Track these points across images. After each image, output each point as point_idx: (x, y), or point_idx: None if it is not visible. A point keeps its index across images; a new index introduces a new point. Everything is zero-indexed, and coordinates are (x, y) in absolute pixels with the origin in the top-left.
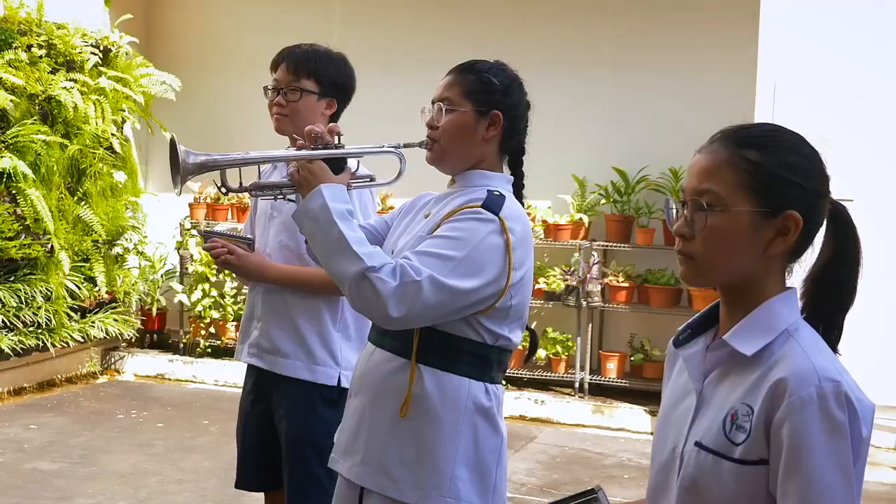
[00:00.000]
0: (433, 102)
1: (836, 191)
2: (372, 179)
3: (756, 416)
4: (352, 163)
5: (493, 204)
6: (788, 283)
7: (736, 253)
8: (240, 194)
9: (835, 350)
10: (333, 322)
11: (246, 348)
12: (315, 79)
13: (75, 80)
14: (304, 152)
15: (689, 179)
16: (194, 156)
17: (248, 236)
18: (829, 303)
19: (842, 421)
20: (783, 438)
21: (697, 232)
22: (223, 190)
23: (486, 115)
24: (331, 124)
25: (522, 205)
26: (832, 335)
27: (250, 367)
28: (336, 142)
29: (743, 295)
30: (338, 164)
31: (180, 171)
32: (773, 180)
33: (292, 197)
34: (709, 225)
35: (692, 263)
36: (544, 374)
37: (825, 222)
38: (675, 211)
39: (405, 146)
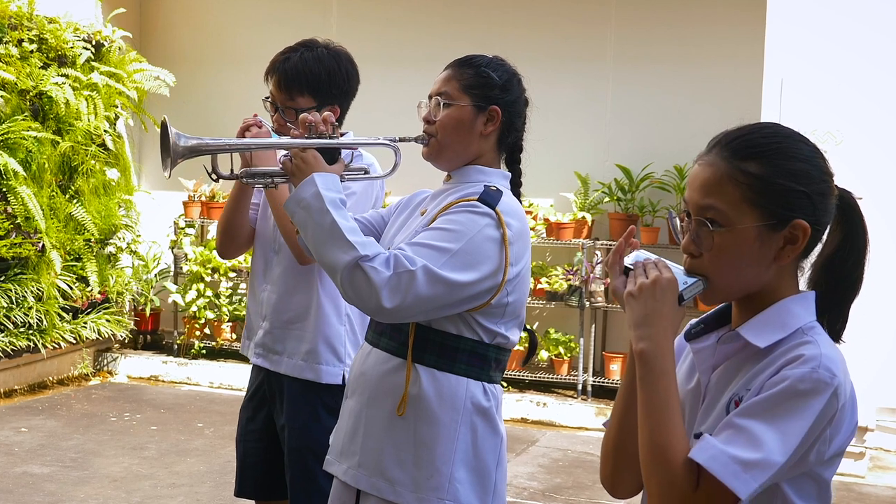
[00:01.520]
0: (430, 97)
1: (839, 185)
2: (366, 172)
3: (754, 393)
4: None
5: (489, 198)
6: (800, 280)
7: (746, 267)
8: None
9: (840, 339)
10: (338, 317)
11: (252, 347)
12: (309, 93)
13: (67, 76)
14: (297, 140)
15: (691, 193)
16: (185, 139)
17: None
18: (837, 291)
19: (815, 406)
20: (758, 390)
21: (705, 250)
22: (213, 176)
23: (484, 111)
24: (325, 113)
25: (520, 202)
26: (838, 324)
27: (255, 369)
28: (330, 132)
29: (757, 299)
30: (331, 155)
31: (171, 154)
32: (777, 191)
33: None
34: (716, 244)
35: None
36: (546, 375)
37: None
38: (678, 222)
39: (401, 140)
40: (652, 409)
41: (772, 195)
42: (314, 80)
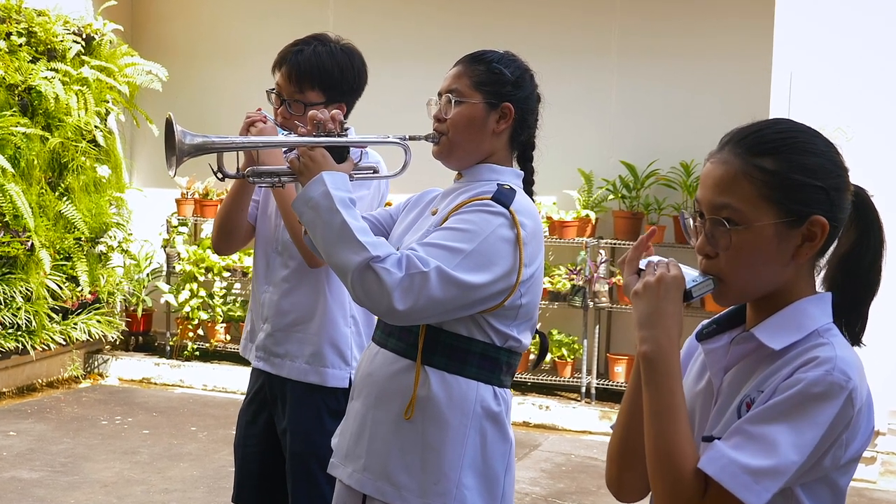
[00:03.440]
0: (440, 94)
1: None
2: (375, 171)
3: (767, 395)
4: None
5: (503, 197)
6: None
7: (763, 267)
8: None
9: (860, 341)
10: (344, 319)
11: (253, 350)
12: (320, 89)
13: (57, 70)
14: (305, 139)
15: (704, 192)
16: (191, 136)
17: None
18: (855, 291)
19: (829, 410)
20: (769, 394)
21: (721, 250)
22: (219, 175)
23: (496, 108)
24: (333, 111)
25: (532, 201)
26: (857, 326)
27: (255, 371)
28: (338, 130)
29: (772, 299)
30: (340, 153)
31: (176, 152)
32: (793, 187)
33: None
34: (733, 243)
35: (720, 285)
36: (549, 378)
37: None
38: (691, 222)
39: (411, 139)
40: (657, 413)
41: (788, 191)
42: (326, 75)
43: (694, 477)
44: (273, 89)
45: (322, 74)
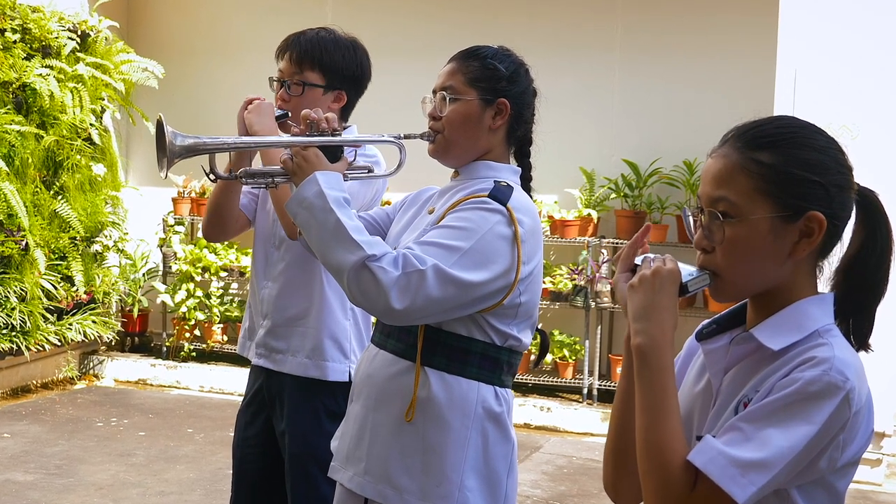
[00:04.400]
0: (435, 92)
1: (860, 183)
2: (370, 170)
3: (763, 394)
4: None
5: (500, 194)
6: (820, 282)
7: (759, 262)
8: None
9: (866, 344)
10: (343, 312)
11: (253, 347)
12: (320, 70)
13: (51, 67)
14: (298, 138)
15: (703, 186)
16: (182, 138)
17: None
18: (861, 294)
19: (825, 409)
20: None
21: (717, 244)
22: (211, 177)
23: (491, 104)
24: (328, 113)
25: (531, 198)
26: (863, 329)
27: (253, 372)
28: (332, 129)
29: (772, 298)
30: (334, 153)
31: (167, 154)
32: (790, 181)
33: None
34: (727, 237)
35: (717, 280)
36: (550, 379)
37: (854, 210)
38: (693, 220)
39: (406, 137)
40: (648, 406)
41: (785, 185)
42: (327, 57)
43: (683, 470)
44: (274, 77)
45: (323, 55)
